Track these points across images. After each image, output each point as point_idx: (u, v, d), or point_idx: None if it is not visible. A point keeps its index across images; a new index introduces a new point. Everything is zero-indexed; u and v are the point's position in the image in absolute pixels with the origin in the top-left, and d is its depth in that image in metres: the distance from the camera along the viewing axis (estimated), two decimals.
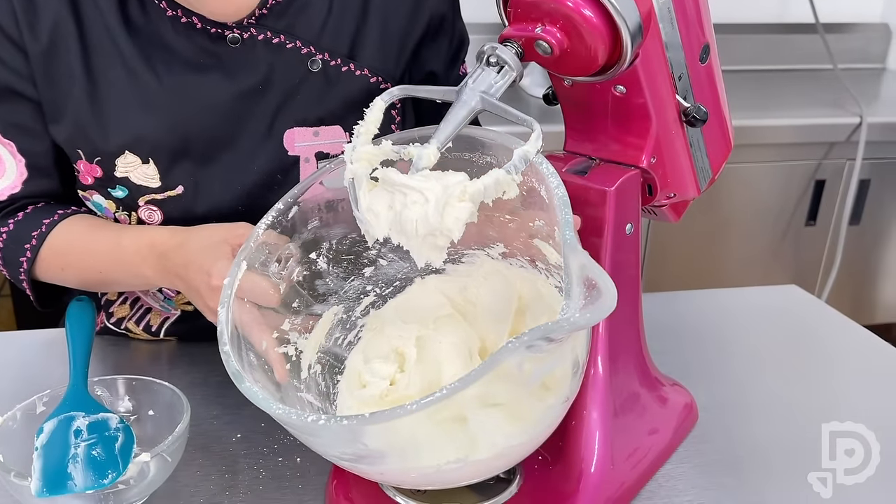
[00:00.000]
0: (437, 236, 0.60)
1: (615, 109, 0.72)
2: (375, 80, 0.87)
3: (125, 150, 0.83)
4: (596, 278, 0.52)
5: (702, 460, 0.78)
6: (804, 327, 1.08)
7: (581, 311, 0.51)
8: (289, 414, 0.54)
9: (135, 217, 0.87)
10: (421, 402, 0.50)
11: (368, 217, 0.62)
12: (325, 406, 0.71)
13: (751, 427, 0.83)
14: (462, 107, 0.64)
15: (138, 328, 0.98)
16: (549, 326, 0.50)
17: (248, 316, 0.65)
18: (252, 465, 0.77)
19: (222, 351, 0.60)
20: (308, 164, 0.87)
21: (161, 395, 0.77)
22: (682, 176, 0.76)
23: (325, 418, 0.52)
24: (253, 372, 0.63)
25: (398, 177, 0.60)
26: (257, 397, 0.57)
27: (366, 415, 0.51)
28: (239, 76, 0.83)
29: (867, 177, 2.17)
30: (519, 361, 0.53)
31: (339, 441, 0.57)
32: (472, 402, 0.57)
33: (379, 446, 0.56)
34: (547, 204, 0.63)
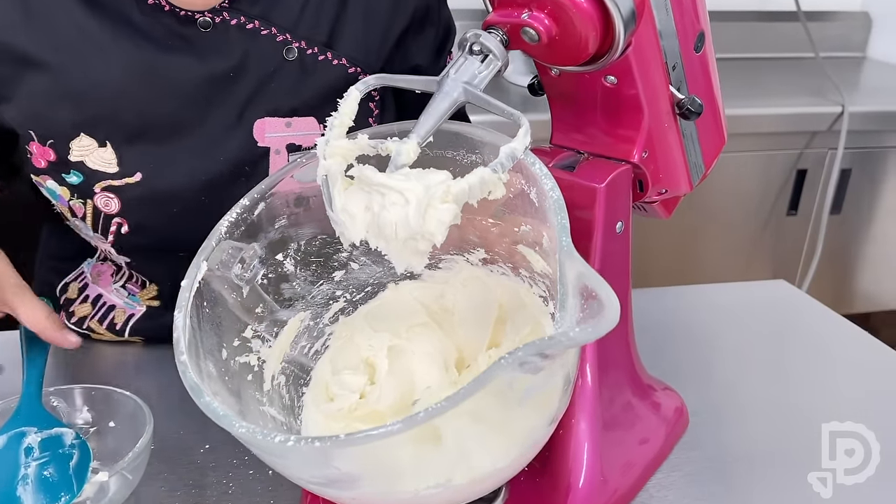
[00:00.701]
0: (418, 240, 0.56)
1: (605, 101, 0.68)
2: (354, 71, 0.82)
3: (80, 132, 0.77)
4: (596, 289, 0.48)
5: (693, 468, 0.75)
6: (794, 324, 1.05)
7: (580, 325, 0.46)
8: (253, 433, 0.50)
9: (90, 205, 0.81)
10: (402, 423, 0.46)
11: (343, 218, 0.58)
12: (290, 421, 0.67)
13: (745, 428, 0.80)
14: (443, 98, 0.60)
15: (101, 327, 0.93)
16: (546, 342, 0.46)
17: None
18: (220, 478, 0.72)
19: (178, 361, 0.56)
20: (279, 157, 0.82)
21: (123, 405, 0.72)
22: (674, 171, 0.73)
23: (295, 439, 0.47)
24: (211, 383, 0.58)
25: (376, 175, 0.56)
26: (217, 413, 0.52)
27: (340, 436, 0.46)
28: (209, 60, 0.78)
29: (848, 166, 2.15)
30: (510, 379, 0.49)
31: (309, 463, 0.53)
32: (457, 423, 0.52)
33: (353, 470, 0.51)
34: (537, 208, 0.59)
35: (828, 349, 0.98)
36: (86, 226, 0.83)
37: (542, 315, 0.66)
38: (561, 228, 0.53)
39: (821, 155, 2.13)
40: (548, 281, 0.65)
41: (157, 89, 0.77)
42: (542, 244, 0.62)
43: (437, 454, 0.52)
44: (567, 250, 0.51)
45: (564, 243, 0.52)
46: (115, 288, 0.93)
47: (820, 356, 0.96)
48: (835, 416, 0.73)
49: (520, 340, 0.67)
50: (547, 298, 0.66)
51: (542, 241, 0.62)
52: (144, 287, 0.92)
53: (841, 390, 0.84)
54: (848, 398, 0.81)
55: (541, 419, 0.55)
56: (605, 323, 0.46)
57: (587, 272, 0.50)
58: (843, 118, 2.06)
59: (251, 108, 0.80)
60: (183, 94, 0.78)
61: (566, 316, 0.49)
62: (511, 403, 0.52)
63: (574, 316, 0.48)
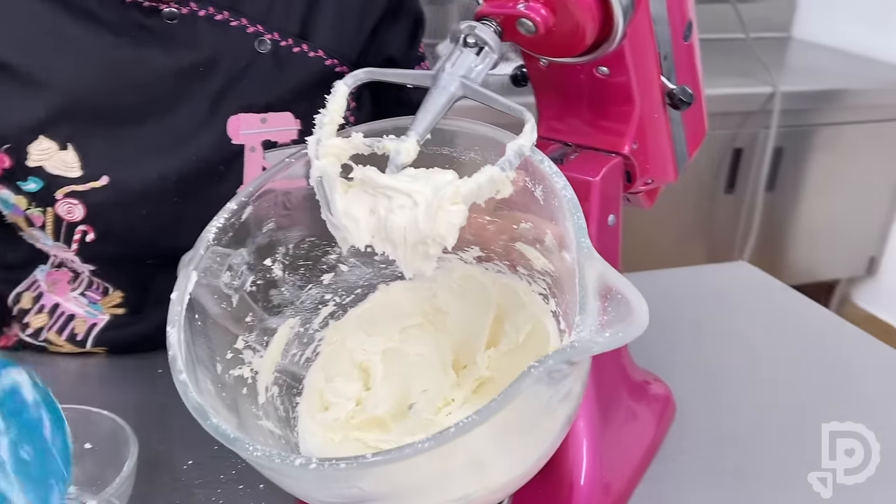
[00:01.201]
0: (428, 244, 0.53)
1: (596, 92, 0.67)
2: (331, 63, 0.79)
3: (39, 134, 0.72)
4: (623, 290, 0.47)
5: (686, 458, 0.75)
6: (762, 306, 1.06)
7: (608, 329, 0.45)
8: (270, 457, 0.47)
9: (51, 214, 0.76)
10: (432, 440, 0.44)
11: (346, 223, 0.55)
12: (287, 434, 0.64)
13: (741, 423, 0.81)
14: (441, 93, 0.58)
15: (61, 338, 0.88)
16: (576, 349, 0.45)
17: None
18: (209, 496, 0.69)
19: (178, 380, 0.52)
20: (254, 154, 0.78)
21: (100, 425, 0.68)
22: (662, 161, 0.72)
23: (317, 462, 0.45)
24: (210, 400, 0.55)
25: (382, 177, 0.53)
26: (227, 436, 0.49)
27: (367, 457, 0.44)
28: (177, 52, 0.74)
29: (781, 144, 2.22)
30: (538, 388, 0.47)
31: (329, 485, 0.50)
32: (483, 435, 0.51)
33: (376, 489, 0.49)
34: (542, 205, 0.57)
35: (801, 332, 0.99)
36: (45, 235, 0.78)
37: (543, 313, 0.65)
38: (578, 229, 0.51)
39: (754, 134, 2.18)
40: (549, 279, 0.64)
41: (123, 85, 0.73)
42: (545, 242, 0.60)
43: (462, 467, 0.50)
44: (587, 251, 0.50)
45: (584, 244, 0.50)
46: (74, 296, 0.88)
47: (795, 339, 0.97)
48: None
49: (521, 340, 0.66)
50: (547, 296, 0.65)
51: (545, 239, 0.60)
52: (107, 294, 0.87)
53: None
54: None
55: (559, 425, 0.54)
56: (636, 327, 0.45)
57: (610, 273, 0.48)
58: (775, 98, 2.12)
59: (224, 104, 0.76)
60: (150, 89, 0.74)
61: (587, 319, 0.47)
62: (537, 413, 0.50)
63: (595, 318, 0.47)
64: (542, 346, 0.64)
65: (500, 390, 0.66)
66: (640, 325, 0.45)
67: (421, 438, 0.44)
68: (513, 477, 0.54)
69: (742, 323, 1.00)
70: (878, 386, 0.83)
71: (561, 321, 0.63)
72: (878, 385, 0.83)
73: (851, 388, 0.84)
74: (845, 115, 2.26)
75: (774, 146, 2.19)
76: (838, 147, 2.29)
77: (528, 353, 0.65)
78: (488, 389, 0.68)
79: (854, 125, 2.28)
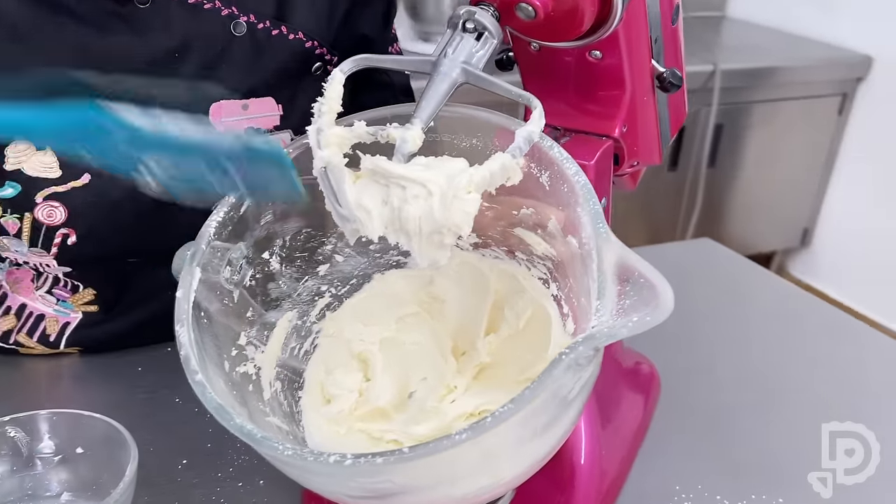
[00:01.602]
0: (443, 233, 0.53)
1: (587, 75, 0.67)
2: (311, 45, 0.78)
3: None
4: (645, 273, 0.47)
5: (679, 438, 0.77)
6: (732, 283, 1.08)
7: (636, 313, 0.46)
8: (303, 456, 0.46)
9: (29, 219, 0.73)
10: (470, 431, 0.44)
11: (359, 215, 0.54)
12: (293, 429, 0.63)
13: (720, 395, 0.82)
14: (443, 80, 0.57)
15: (32, 340, 0.84)
16: (604, 333, 0.45)
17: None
18: (209, 495, 0.68)
19: (194, 382, 0.51)
20: None
21: (91, 428, 0.65)
22: (649, 143, 0.73)
23: (352, 458, 0.44)
24: (226, 400, 0.54)
25: (395, 167, 0.52)
26: (254, 437, 0.47)
27: (405, 451, 0.44)
28: (150, 39, 0.71)
29: (721, 121, 2.27)
30: (566, 376, 0.48)
31: (360, 480, 0.49)
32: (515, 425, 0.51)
33: (407, 482, 0.49)
34: (547, 191, 0.58)
35: (772, 310, 1.01)
36: (19, 242, 0.75)
37: (544, 298, 0.65)
38: (595, 214, 0.52)
39: (696, 112, 2.22)
40: (550, 263, 0.64)
41: (95, 76, 0.70)
42: (548, 227, 0.61)
43: (490, 457, 0.50)
44: (605, 236, 0.50)
45: (602, 229, 0.51)
46: (40, 294, 0.84)
47: (768, 318, 0.99)
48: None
49: (521, 325, 0.66)
50: (548, 281, 0.65)
51: (548, 225, 0.60)
52: (77, 291, 0.84)
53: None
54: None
55: (576, 413, 0.54)
56: (662, 310, 0.46)
57: (630, 256, 0.49)
58: (715, 76, 2.17)
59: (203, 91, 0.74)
60: (126, 79, 0.71)
61: (607, 303, 0.48)
62: (560, 401, 0.51)
63: (614, 302, 0.48)
64: (543, 330, 0.64)
65: (502, 376, 0.68)
66: (666, 308, 0.46)
67: (458, 430, 0.44)
68: (537, 460, 0.54)
69: (716, 299, 1.02)
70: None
71: (564, 305, 0.63)
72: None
73: (834, 365, 0.84)
74: (781, 92, 2.33)
75: (715, 123, 2.25)
76: (774, 123, 2.36)
77: (529, 337, 0.66)
78: (489, 375, 0.68)
79: (789, 101, 2.35)
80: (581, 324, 0.60)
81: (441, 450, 0.44)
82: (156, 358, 0.84)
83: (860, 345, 0.95)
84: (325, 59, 0.79)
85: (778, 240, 2.62)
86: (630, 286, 0.48)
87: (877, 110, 2.35)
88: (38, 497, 0.65)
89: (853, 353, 0.93)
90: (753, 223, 2.53)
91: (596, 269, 0.50)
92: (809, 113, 2.40)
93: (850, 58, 2.35)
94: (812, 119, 2.41)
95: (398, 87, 0.89)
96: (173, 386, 0.81)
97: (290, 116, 0.79)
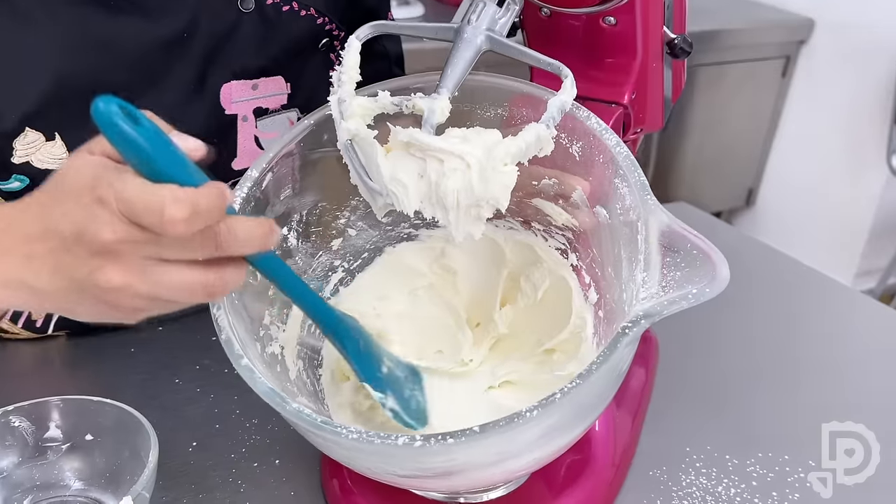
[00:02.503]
0: (481, 206, 0.52)
1: (599, 42, 0.66)
2: (322, 22, 0.75)
3: (25, 126, 0.65)
4: (698, 244, 0.47)
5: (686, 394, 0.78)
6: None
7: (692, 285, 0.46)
8: (369, 440, 0.44)
9: None
10: (540, 407, 0.43)
11: (394, 189, 0.53)
12: (319, 407, 0.62)
13: (717, 360, 0.83)
14: (467, 47, 0.56)
15: (17, 326, 0.80)
16: (665, 306, 0.45)
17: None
18: (226, 477, 0.66)
19: (240, 367, 0.48)
20: (246, 124, 0.74)
21: (100, 414, 0.63)
22: (655, 110, 0.73)
23: (422, 439, 0.43)
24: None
25: (433, 140, 0.51)
26: (314, 422, 0.45)
27: (475, 429, 0.43)
28: (158, 20, 0.67)
29: None
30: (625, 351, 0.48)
31: (426, 460, 0.48)
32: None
33: (470, 460, 0.48)
34: (577, 161, 0.57)
35: (757, 270, 1.03)
36: None
37: (562, 268, 0.65)
38: (641, 185, 0.51)
39: None
40: (569, 234, 0.64)
41: (107, 60, 0.66)
42: (572, 197, 0.60)
43: (552, 430, 0.50)
44: (652, 207, 0.50)
45: (650, 200, 0.50)
46: None
47: (756, 280, 1.00)
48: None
49: (539, 296, 0.66)
50: (567, 251, 0.65)
51: (573, 195, 0.60)
52: None
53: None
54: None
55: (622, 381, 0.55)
56: (720, 282, 0.46)
57: (680, 227, 0.49)
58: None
59: (214, 71, 0.71)
60: (136, 63, 0.67)
61: (653, 274, 0.48)
62: (615, 377, 0.51)
63: (660, 273, 0.48)
64: (563, 301, 0.64)
65: (520, 347, 0.67)
66: (723, 280, 0.46)
67: (528, 407, 0.43)
68: (581, 434, 0.54)
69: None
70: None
71: (585, 276, 0.64)
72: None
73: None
74: (726, 55, 2.36)
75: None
76: (720, 86, 2.40)
77: (548, 309, 0.66)
78: (506, 347, 0.68)
79: (734, 64, 2.39)
80: (605, 294, 0.61)
81: (511, 428, 0.43)
82: (148, 339, 0.81)
83: (840, 305, 0.98)
84: (332, 35, 0.77)
85: (724, 200, 2.68)
86: (680, 257, 0.48)
87: (818, 71, 2.41)
88: (50, 487, 0.63)
89: (834, 311, 0.97)
90: (701, 184, 2.58)
91: (642, 240, 0.50)
92: (754, 75, 2.44)
93: (793, 20, 2.39)
94: (757, 81, 2.46)
95: (393, 57, 0.87)
96: (171, 367, 0.79)
97: (297, 95, 0.76)
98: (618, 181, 0.53)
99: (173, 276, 0.42)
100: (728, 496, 0.66)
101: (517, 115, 0.60)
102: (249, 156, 0.76)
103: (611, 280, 0.58)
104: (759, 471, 0.69)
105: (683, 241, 0.48)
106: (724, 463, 0.69)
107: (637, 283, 0.48)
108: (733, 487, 0.67)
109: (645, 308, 0.45)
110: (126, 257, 0.41)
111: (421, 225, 0.69)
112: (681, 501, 0.65)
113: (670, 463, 0.70)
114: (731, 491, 0.66)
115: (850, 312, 0.97)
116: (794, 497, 0.66)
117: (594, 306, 0.62)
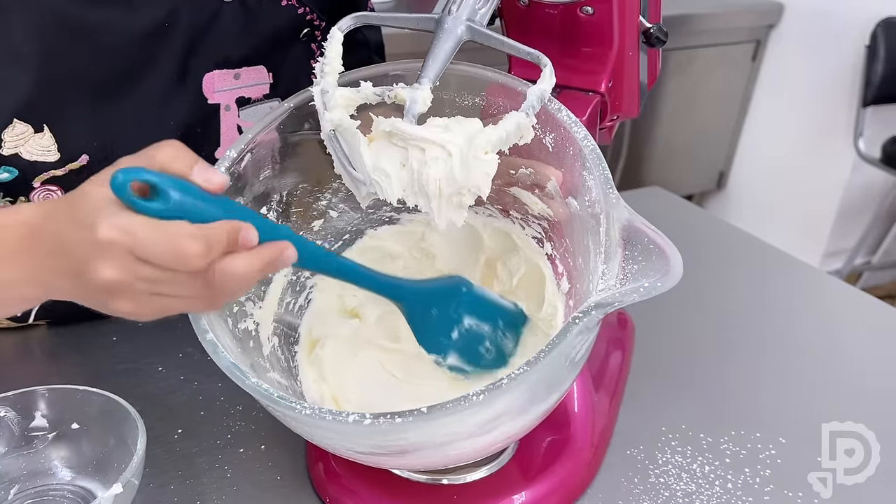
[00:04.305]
0: (463, 194, 0.53)
1: (576, 31, 0.67)
2: (303, 12, 0.75)
3: (14, 118, 0.65)
4: (655, 239, 0.48)
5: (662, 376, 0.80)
6: (684, 231, 1.11)
7: (646, 278, 0.47)
8: (322, 415, 0.46)
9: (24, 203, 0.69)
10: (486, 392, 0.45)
11: (377, 178, 0.54)
12: (291, 383, 0.63)
13: (690, 341, 0.85)
14: (447, 38, 0.57)
15: None
16: (616, 298, 0.47)
17: None
18: (212, 463, 0.67)
19: (205, 341, 0.51)
20: (228, 113, 0.74)
21: (86, 403, 0.64)
22: (631, 98, 0.74)
23: (371, 417, 0.45)
24: (236, 358, 0.53)
25: (415, 129, 0.52)
26: (271, 396, 0.47)
27: (423, 410, 0.45)
28: (139, 9, 0.67)
29: None
30: (577, 340, 0.49)
31: (376, 438, 0.50)
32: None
33: (420, 439, 0.50)
34: (550, 152, 0.58)
35: (729, 255, 1.05)
36: None
37: (538, 256, 0.66)
38: (605, 179, 0.52)
39: None
40: (545, 223, 0.65)
41: (89, 52, 0.66)
42: (547, 188, 0.62)
43: (504, 414, 0.51)
44: (614, 201, 0.51)
45: (612, 194, 0.52)
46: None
47: (729, 262, 1.03)
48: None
49: (514, 283, 0.68)
50: (542, 240, 0.66)
51: (548, 185, 0.61)
52: None
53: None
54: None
55: (580, 369, 0.56)
56: (672, 277, 0.47)
57: (640, 221, 0.50)
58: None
59: (196, 61, 0.71)
60: (118, 53, 0.67)
61: (613, 267, 0.49)
62: (566, 365, 0.52)
63: (619, 266, 0.49)
64: (536, 289, 0.66)
65: None
66: (675, 275, 0.47)
67: (475, 391, 0.45)
68: (537, 419, 0.56)
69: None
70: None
71: (558, 265, 0.65)
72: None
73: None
74: (697, 39, 2.38)
75: None
76: (691, 70, 2.43)
77: (522, 295, 0.67)
78: None
79: (705, 48, 2.42)
80: (576, 284, 0.62)
81: (457, 410, 0.45)
82: (130, 327, 0.82)
83: (807, 285, 1.01)
84: (313, 25, 0.77)
85: (696, 183, 2.71)
86: (638, 251, 0.49)
87: (787, 56, 2.44)
88: (37, 476, 0.63)
89: (802, 291, 0.99)
90: (673, 168, 2.61)
91: (604, 233, 0.51)
92: (725, 59, 2.47)
93: (763, 5, 2.42)
94: (727, 65, 2.49)
95: (373, 46, 0.88)
96: (154, 355, 0.79)
97: (280, 84, 0.77)
98: (585, 174, 0.54)
99: (178, 302, 0.47)
100: (703, 472, 0.68)
101: (493, 104, 0.61)
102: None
103: (581, 270, 0.60)
104: (731, 448, 0.71)
105: (641, 236, 0.49)
106: (698, 441, 0.71)
107: (598, 274, 0.50)
108: (707, 465, 0.69)
109: (597, 299, 0.47)
110: (130, 293, 0.45)
111: (402, 209, 0.70)
112: (657, 479, 0.67)
113: (647, 442, 0.72)
114: (705, 468, 0.68)
115: (817, 293, 1.00)
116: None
117: (566, 295, 0.64)
